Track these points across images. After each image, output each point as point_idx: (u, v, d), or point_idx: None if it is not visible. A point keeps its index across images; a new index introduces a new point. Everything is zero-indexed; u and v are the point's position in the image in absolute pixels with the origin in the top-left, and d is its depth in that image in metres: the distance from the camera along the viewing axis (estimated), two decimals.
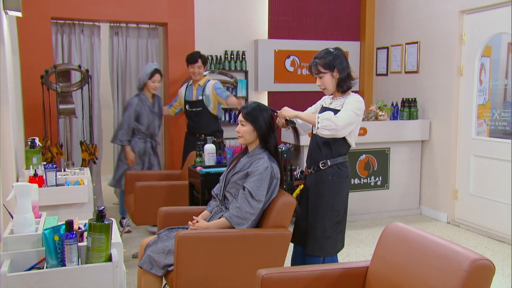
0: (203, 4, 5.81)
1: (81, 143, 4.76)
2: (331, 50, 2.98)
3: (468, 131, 5.14)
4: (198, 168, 3.62)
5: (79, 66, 4.81)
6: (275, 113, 3.06)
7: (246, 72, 5.99)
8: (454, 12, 5.18)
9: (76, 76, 5.25)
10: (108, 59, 5.76)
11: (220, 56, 5.88)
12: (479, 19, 5.00)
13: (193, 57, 4.85)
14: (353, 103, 2.91)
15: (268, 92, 6.11)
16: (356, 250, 4.38)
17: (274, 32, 6.10)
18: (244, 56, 5.96)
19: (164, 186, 4.12)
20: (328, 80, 2.96)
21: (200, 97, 4.88)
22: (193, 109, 4.93)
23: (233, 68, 5.92)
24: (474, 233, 4.99)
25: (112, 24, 5.64)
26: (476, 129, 5.10)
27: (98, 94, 5.69)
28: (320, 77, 2.97)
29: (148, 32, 5.80)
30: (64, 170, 3.72)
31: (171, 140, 5.78)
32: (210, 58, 5.83)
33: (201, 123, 4.93)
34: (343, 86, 2.97)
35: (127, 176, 4.45)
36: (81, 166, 4.62)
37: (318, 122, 2.82)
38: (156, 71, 4.71)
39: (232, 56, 5.92)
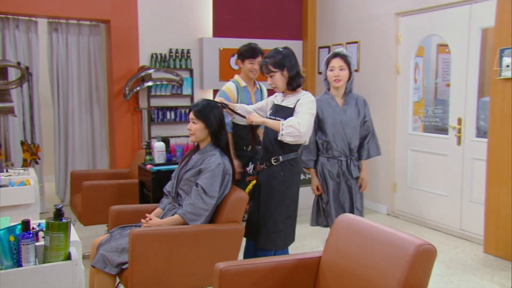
0: (147, 1, 5.76)
1: (22, 143, 4.59)
2: (280, 49, 3.09)
3: (405, 127, 5.44)
4: (148, 166, 3.62)
5: (18, 63, 4.63)
6: (237, 113, 3.12)
7: (191, 70, 6.01)
8: (390, 14, 5.45)
9: (12, 73, 5.04)
10: (47, 56, 5.59)
11: (165, 54, 5.86)
12: (413, 21, 5.30)
13: (254, 51, 3.74)
14: (307, 104, 3.01)
15: (214, 90, 6.15)
16: (304, 243, 4.53)
17: (219, 30, 6.15)
18: (189, 55, 5.97)
19: (112, 185, 4.07)
20: (279, 78, 3.05)
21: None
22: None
23: (178, 66, 5.92)
24: (412, 223, 5.30)
25: (50, 20, 5.47)
26: (412, 125, 5.41)
27: (37, 92, 5.50)
28: (271, 76, 3.06)
29: (89, 29, 5.68)
30: (7, 171, 3.60)
31: (115, 138, 5.69)
32: (154, 56, 5.80)
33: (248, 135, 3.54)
34: (293, 84, 3.08)
35: (72, 176, 4.35)
36: (22, 167, 4.46)
37: (282, 129, 2.90)
38: (335, 55, 3.43)
39: (177, 55, 5.92)
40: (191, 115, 2.96)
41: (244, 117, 3.15)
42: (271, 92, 3.38)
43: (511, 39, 3.96)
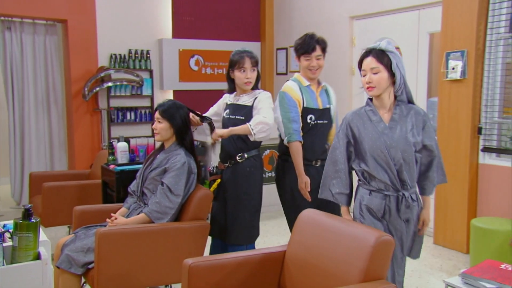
0: (105, 1, 5.72)
1: None
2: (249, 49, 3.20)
3: None
4: (112, 166, 3.63)
5: None
6: (203, 120, 3.15)
7: (151, 71, 6.02)
8: (345, 18, 5.66)
9: None
10: (0, 55, 5.45)
11: (124, 55, 5.84)
12: (366, 24, 5.52)
13: (307, 45, 3.12)
14: (266, 100, 3.11)
15: (174, 91, 6.20)
16: (264, 240, 4.64)
17: (178, 31, 6.19)
18: (148, 55, 5.98)
19: (74, 185, 4.05)
20: (255, 75, 3.15)
21: (328, 106, 3.28)
22: (322, 121, 3.21)
23: (137, 67, 5.92)
24: None
25: (3, 18, 5.34)
26: None
27: None
28: (254, 70, 3.13)
29: (45, 28, 5.58)
30: None
31: (74, 139, 5.63)
32: (114, 56, 5.77)
33: (320, 143, 3.22)
34: (258, 82, 3.20)
35: (31, 177, 4.28)
36: None
37: (252, 130, 2.97)
38: (367, 54, 2.45)
39: (137, 55, 5.91)
40: (157, 115, 3.01)
41: (212, 126, 3.21)
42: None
43: (456, 43, 4.22)
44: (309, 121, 3.14)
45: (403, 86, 2.40)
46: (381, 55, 2.38)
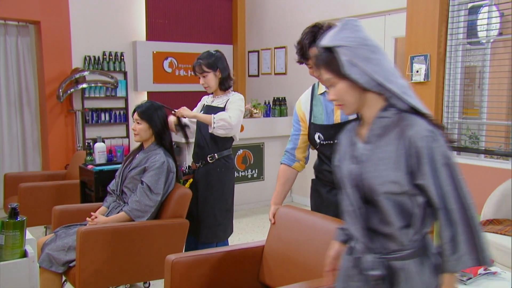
0: (79, 3, 5.73)
1: None
2: (213, 52, 3.30)
3: None
4: (90, 167, 3.69)
5: None
6: (173, 112, 3.27)
7: (125, 73, 6.06)
8: (314, 22, 5.82)
9: None
10: None
11: (98, 57, 5.86)
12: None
13: (301, 49, 2.36)
14: (237, 101, 3.25)
15: (148, 92, 6.26)
16: (239, 237, 4.77)
17: (152, 34, 6.25)
18: (122, 57, 6.02)
19: (51, 186, 4.07)
20: (211, 79, 3.25)
21: (352, 117, 2.16)
22: (331, 141, 2.37)
23: (112, 69, 5.94)
24: None
25: None
26: None
27: None
28: (203, 76, 3.24)
29: (17, 29, 5.56)
30: None
31: (48, 140, 5.62)
32: (88, 58, 5.79)
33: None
34: (224, 85, 3.30)
35: (6, 178, 4.28)
36: None
37: (214, 123, 3.09)
38: (317, 60, 1.59)
39: (111, 57, 5.95)
40: (136, 116, 3.08)
41: (186, 126, 3.29)
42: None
43: (420, 47, 4.45)
44: (317, 140, 2.42)
45: (382, 88, 1.52)
46: (328, 58, 1.51)
